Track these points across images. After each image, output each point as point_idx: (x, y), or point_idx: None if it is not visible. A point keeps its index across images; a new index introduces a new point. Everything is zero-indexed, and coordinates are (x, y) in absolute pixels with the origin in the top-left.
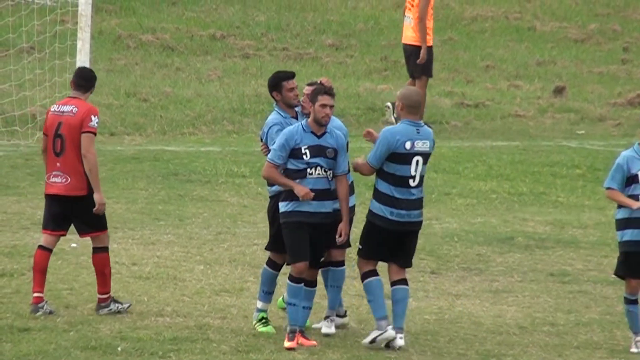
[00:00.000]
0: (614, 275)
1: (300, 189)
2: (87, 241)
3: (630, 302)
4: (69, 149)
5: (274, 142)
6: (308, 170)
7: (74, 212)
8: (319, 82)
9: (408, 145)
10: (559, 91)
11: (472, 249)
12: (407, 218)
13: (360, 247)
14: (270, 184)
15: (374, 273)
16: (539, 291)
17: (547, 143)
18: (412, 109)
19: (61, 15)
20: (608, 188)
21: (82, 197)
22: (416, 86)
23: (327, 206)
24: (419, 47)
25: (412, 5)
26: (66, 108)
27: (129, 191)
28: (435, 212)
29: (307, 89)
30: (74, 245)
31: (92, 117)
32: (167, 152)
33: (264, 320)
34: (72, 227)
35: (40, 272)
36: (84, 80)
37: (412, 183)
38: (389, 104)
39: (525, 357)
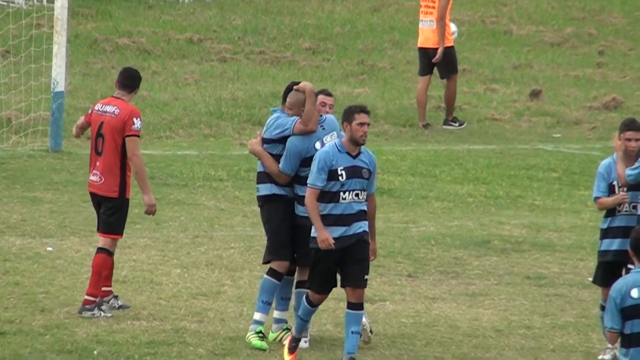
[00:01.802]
0: (589, 279)
1: (323, 235)
2: (64, 244)
3: (605, 309)
4: (108, 150)
5: (276, 127)
6: (341, 194)
7: (101, 209)
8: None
9: (318, 145)
10: (535, 95)
11: (448, 253)
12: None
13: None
14: (259, 181)
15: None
16: (515, 294)
17: (523, 146)
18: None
19: (37, 19)
20: (596, 198)
21: (112, 198)
22: (448, 86)
23: (355, 228)
24: (436, 50)
25: (434, 8)
26: (109, 108)
27: None
28: (412, 216)
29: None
30: (49, 248)
31: (135, 119)
32: (144, 155)
33: (260, 335)
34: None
35: (97, 274)
36: (129, 80)
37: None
38: (445, 127)
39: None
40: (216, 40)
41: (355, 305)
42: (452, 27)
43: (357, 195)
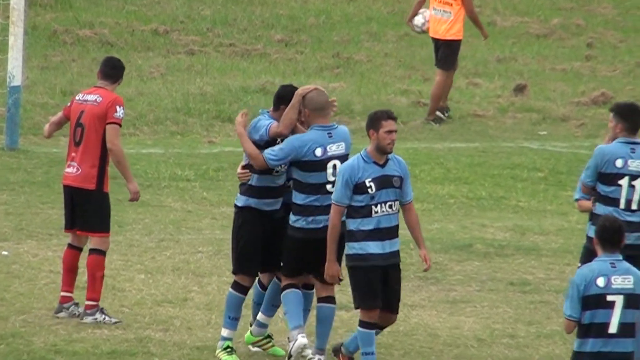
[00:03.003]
0: None
1: (332, 270)
2: (20, 248)
3: None
4: (87, 139)
5: (255, 131)
6: (373, 208)
7: (79, 205)
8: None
9: (319, 152)
10: (520, 89)
11: None
12: (325, 223)
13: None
14: (239, 190)
15: (294, 286)
16: (499, 301)
17: (507, 144)
18: (319, 111)
19: None
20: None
21: (89, 191)
22: (437, 79)
23: (395, 245)
24: (449, 41)
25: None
26: (90, 97)
27: None
28: None
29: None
30: (5, 253)
31: (117, 107)
32: None
33: (229, 350)
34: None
35: (68, 271)
36: (112, 70)
37: (330, 188)
38: (438, 113)
39: None
40: (183, 32)
41: (368, 325)
42: (427, 15)
43: (390, 206)
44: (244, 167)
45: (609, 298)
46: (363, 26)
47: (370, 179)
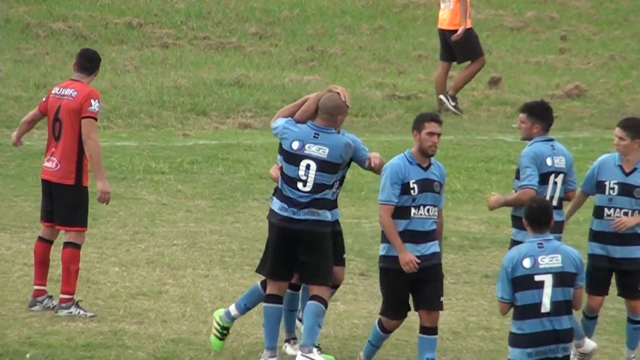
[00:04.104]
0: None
1: (406, 256)
2: None
3: (589, 318)
4: (66, 135)
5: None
6: (412, 210)
7: (58, 200)
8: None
9: (295, 145)
10: (494, 82)
11: None
12: (305, 215)
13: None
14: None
15: (276, 299)
16: (473, 294)
17: (482, 137)
18: (322, 114)
19: None
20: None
21: (68, 186)
22: (469, 66)
23: (432, 248)
24: (455, 32)
25: None
26: (67, 91)
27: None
28: (365, 211)
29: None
30: None
31: (92, 101)
32: None
33: (225, 332)
34: None
35: (40, 264)
36: (88, 62)
37: (300, 186)
38: (441, 97)
39: None
40: (157, 25)
41: (430, 330)
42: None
43: (428, 210)
44: None
45: (537, 278)
46: (337, 19)
47: (414, 180)
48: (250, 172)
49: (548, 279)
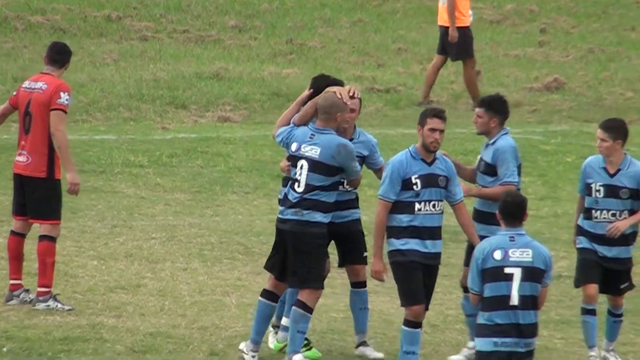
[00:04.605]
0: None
1: (377, 265)
2: None
3: (587, 312)
4: (36, 128)
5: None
6: (417, 205)
7: (30, 193)
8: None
9: (294, 147)
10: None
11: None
12: (293, 215)
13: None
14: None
15: (270, 296)
16: (452, 287)
17: (461, 130)
18: (320, 114)
19: None
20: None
21: (40, 179)
22: (464, 72)
23: (437, 246)
24: (458, 28)
25: None
26: (37, 85)
27: None
28: None
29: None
30: None
31: (62, 93)
32: None
33: (308, 342)
34: None
35: (14, 258)
36: (58, 55)
37: (296, 187)
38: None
39: (437, 356)
40: (136, 18)
41: (413, 324)
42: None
43: (433, 206)
44: None
45: (507, 270)
46: (317, 12)
47: (416, 176)
48: (230, 166)
49: (517, 273)
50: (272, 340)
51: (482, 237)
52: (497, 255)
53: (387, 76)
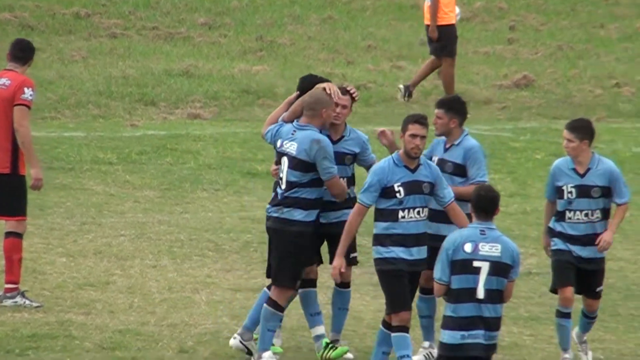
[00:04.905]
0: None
1: (337, 262)
2: None
3: (562, 315)
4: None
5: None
6: (400, 213)
7: None
8: (345, 87)
9: (278, 143)
10: None
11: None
12: (274, 212)
13: None
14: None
15: (276, 306)
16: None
17: (431, 127)
18: (306, 112)
19: None
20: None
21: (4, 175)
22: (441, 71)
23: (423, 252)
24: (441, 27)
25: None
26: (0, 81)
27: None
28: None
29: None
30: None
31: (26, 89)
32: None
33: (330, 345)
34: None
35: (8, 259)
36: (22, 52)
37: (282, 184)
38: (400, 85)
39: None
40: (105, 15)
41: (401, 328)
42: (455, 8)
43: (418, 213)
44: None
45: (476, 264)
46: (286, 9)
47: (399, 183)
48: (199, 163)
49: (485, 266)
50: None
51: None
52: (468, 248)
53: (356, 73)
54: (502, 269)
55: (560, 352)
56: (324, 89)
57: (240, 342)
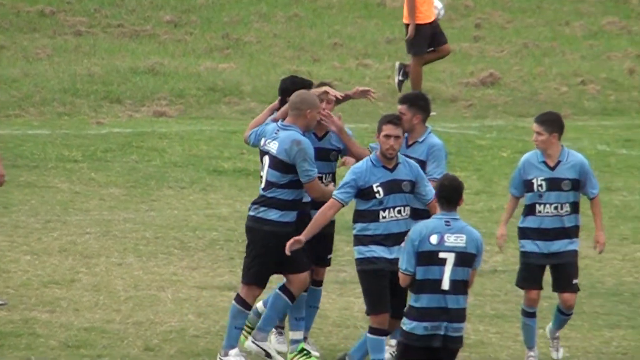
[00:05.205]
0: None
1: (296, 239)
2: None
3: (528, 314)
4: None
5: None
6: (381, 213)
7: None
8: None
9: (262, 142)
10: (409, 71)
11: None
12: (252, 211)
13: None
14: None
15: (244, 304)
16: None
17: None
18: (291, 111)
19: None
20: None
21: None
22: (411, 66)
23: (397, 252)
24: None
25: None
26: None
27: None
28: None
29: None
30: None
31: None
32: None
33: (305, 352)
34: None
35: None
36: None
37: (260, 184)
38: (397, 63)
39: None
40: (70, 13)
41: (378, 331)
42: (437, 2)
43: (399, 212)
44: None
45: (441, 255)
46: (252, 7)
47: (378, 184)
48: (165, 160)
49: (451, 257)
50: (274, 339)
51: None
52: (434, 239)
53: (322, 71)
54: (467, 259)
55: (525, 350)
56: (325, 92)
57: (253, 342)
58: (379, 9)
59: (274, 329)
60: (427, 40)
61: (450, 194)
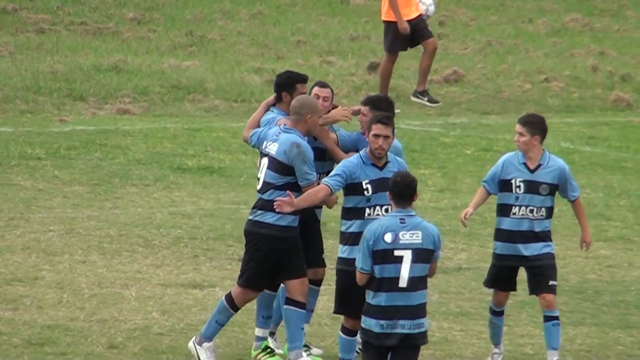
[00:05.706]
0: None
1: (283, 200)
2: None
3: (495, 313)
4: None
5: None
6: (367, 210)
7: None
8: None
9: (263, 144)
10: (373, 68)
11: None
12: (250, 215)
13: None
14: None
15: (232, 303)
16: None
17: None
18: (292, 115)
19: None
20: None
21: None
22: (382, 62)
23: None
24: (389, 22)
25: None
26: None
27: None
28: (244, 196)
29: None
30: None
31: None
32: None
33: (268, 350)
34: None
35: None
36: None
37: (257, 186)
38: (413, 99)
39: (337, 348)
40: (32, 10)
41: (350, 332)
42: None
43: (386, 210)
44: None
45: (397, 253)
46: (216, 4)
47: (367, 181)
48: (129, 158)
49: (407, 255)
50: (272, 342)
51: None
52: (388, 238)
53: (286, 68)
54: (424, 255)
55: (491, 347)
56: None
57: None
58: (342, 7)
59: (268, 336)
60: (406, 39)
61: (403, 190)
